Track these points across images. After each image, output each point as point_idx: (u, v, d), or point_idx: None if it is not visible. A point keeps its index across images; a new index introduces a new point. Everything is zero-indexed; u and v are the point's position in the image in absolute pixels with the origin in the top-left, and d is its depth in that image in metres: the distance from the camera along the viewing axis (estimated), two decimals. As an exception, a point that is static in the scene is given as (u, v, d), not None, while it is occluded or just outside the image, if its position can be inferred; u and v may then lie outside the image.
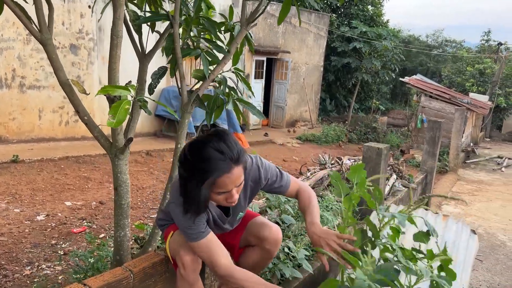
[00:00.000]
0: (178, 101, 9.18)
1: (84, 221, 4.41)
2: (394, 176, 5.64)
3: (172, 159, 2.21)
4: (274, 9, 11.68)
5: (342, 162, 6.43)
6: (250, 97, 9.00)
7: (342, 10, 16.63)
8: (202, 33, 2.27)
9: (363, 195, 1.66)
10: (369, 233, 1.70)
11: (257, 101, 11.97)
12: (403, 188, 5.29)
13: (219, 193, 1.49)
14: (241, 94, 2.25)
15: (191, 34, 2.19)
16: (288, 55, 12.85)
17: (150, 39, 2.23)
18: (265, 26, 11.94)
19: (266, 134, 11.38)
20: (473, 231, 3.30)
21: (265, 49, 11.75)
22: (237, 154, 1.47)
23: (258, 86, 12.02)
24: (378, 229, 1.66)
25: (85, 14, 7.81)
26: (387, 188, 5.03)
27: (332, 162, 6.84)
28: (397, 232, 1.65)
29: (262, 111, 12.63)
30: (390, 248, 1.54)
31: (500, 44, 19.51)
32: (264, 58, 12.15)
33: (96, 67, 8.19)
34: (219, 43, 2.14)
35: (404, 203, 5.05)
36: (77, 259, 2.59)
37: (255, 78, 11.95)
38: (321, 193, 4.66)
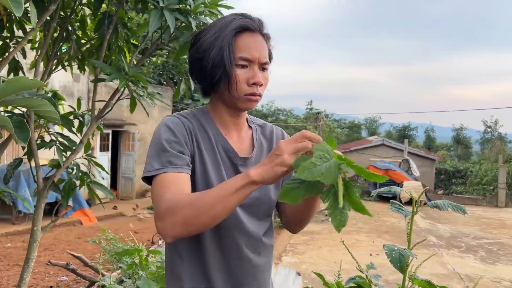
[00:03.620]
0: (13, 181, 8.56)
1: None
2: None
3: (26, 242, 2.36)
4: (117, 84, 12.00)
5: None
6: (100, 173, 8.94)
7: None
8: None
9: None
10: None
11: (105, 175, 11.80)
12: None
13: (241, 60, 1.15)
14: (93, 176, 2.58)
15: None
16: (134, 127, 13.12)
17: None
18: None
19: (115, 207, 11.18)
20: (298, 273, 4.06)
21: (110, 122, 11.84)
22: (260, 22, 1.22)
23: (104, 158, 11.89)
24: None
25: None
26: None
27: (183, 228, 7.21)
28: None
29: (110, 183, 12.45)
30: None
31: (318, 113, 23.20)
32: (110, 131, 12.20)
33: None
34: (70, 136, 2.47)
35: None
36: None
37: (100, 150, 11.85)
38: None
